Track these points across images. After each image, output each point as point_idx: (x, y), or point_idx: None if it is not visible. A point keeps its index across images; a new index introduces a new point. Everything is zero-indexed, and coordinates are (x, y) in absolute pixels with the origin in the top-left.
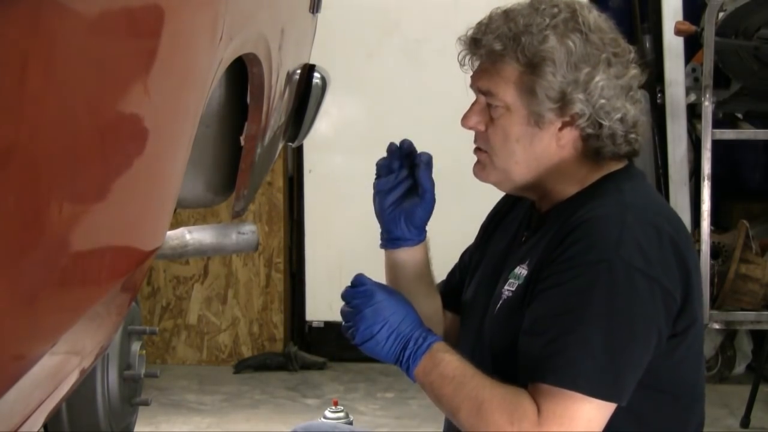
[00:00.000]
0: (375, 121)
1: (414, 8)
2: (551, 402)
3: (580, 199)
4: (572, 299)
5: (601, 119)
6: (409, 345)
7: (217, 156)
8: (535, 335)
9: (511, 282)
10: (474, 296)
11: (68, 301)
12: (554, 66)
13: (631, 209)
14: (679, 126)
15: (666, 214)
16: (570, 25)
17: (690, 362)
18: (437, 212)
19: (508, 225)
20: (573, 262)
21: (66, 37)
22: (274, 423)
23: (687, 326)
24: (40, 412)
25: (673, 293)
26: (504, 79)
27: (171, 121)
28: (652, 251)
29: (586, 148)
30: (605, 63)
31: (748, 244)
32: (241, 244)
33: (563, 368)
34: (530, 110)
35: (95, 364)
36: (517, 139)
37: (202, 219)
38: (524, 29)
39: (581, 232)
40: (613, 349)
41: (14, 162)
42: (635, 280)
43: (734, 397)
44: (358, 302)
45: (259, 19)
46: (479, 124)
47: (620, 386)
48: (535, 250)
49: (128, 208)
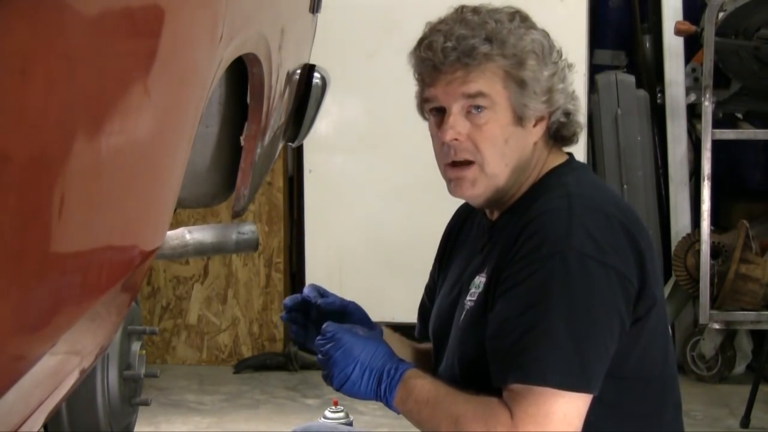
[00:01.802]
0: (375, 121)
1: (414, 8)
2: (523, 402)
3: (527, 199)
4: (531, 296)
5: (569, 105)
6: (383, 378)
7: (217, 156)
8: (500, 338)
9: (473, 292)
10: (437, 316)
11: (68, 301)
12: (538, 58)
13: (576, 199)
14: (679, 126)
15: (612, 199)
16: (529, 22)
17: (657, 344)
18: (437, 212)
19: (464, 241)
20: (527, 259)
21: (66, 37)
22: (274, 423)
23: (648, 308)
24: (40, 412)
25: (630, 277)
26: (494, 76)
27: (171, 121)
28: (603, 237)
29: (547, 139)
30: (557, 54)
31: (748, 244)
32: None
33: (530, 366)
34: (518, 104)
35: (95, 364)
36: (506, 140)
37: (202, 219)
38: (500, 29)
39: (531, 229)
40: (577, 339)
41: (14, 162)
42: (590, 268)
43: (734, 397)
44: (327, 348)
45: (259, 19)
46: (461, 134)
47: (588, 375)
48: (491, 257)
49: (128, 208)
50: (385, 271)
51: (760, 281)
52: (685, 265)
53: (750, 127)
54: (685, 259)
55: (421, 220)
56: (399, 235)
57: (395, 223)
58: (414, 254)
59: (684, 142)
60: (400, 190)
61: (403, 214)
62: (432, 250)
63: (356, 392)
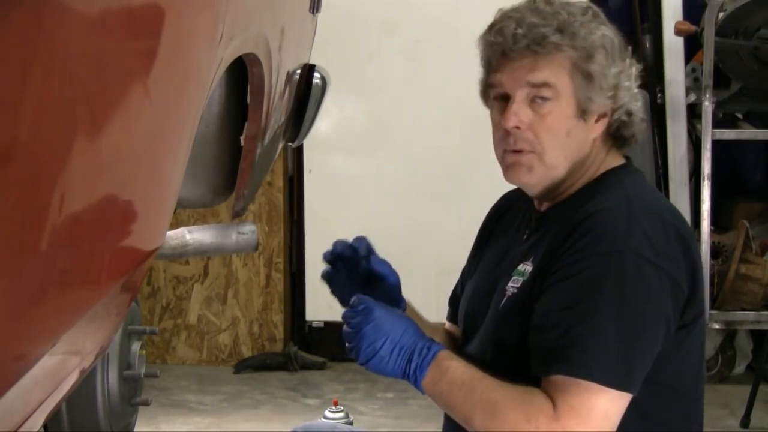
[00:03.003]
0: (375, 121)
1: (414, 8)
2: (566, 394)
3: (583, 195)
4: (582, 291)
5: (632, 106)
6: (414, 357)
7: (217, 156)
8: (546, 329)
9: (515, 279)
10: (472, 298)
11: (68, 301)
12: (606, 53)
13: (636, 201)
14: (679, 126)
15: (668, 206)
16: (601, 18)
17: (692, 358)
18: (438, 212)
19: (505, 227)
20: (582, 254)
21: (66, 37)
22: (274, 423)
23: (694, 317)
24: (40, 412)
25: (681, 284)
26: (560, 67)
27: (171, 121)
28: (659, 242)
29: (607, 135)
30: (627, 52)
31: (748, 244)
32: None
33: (576, 359)
34: (583, 98)
35: (95, 364)
36: (568, 132)
37: (202, 219)
38: (572, 21)
39: (589, 225)
40: (626, 339)
41: (14, 162)
42: (645, 270)
43: (734, 397)
44: (357, 320)
45: (259, 19)
46: (523, 122)
47: (632, 376)
48: (539, 246)
49: (128, 208)
50: None
51: (760, 281)
52: None
53: (750, 127)
54: None
55: (421, 220)
56: (399, 235)
57: (395, 223)
58: (414, 254)
59: (684, 142)
60: (400, 190)
61: (403, 214)
62: (432, 250)
63: (383, 368)
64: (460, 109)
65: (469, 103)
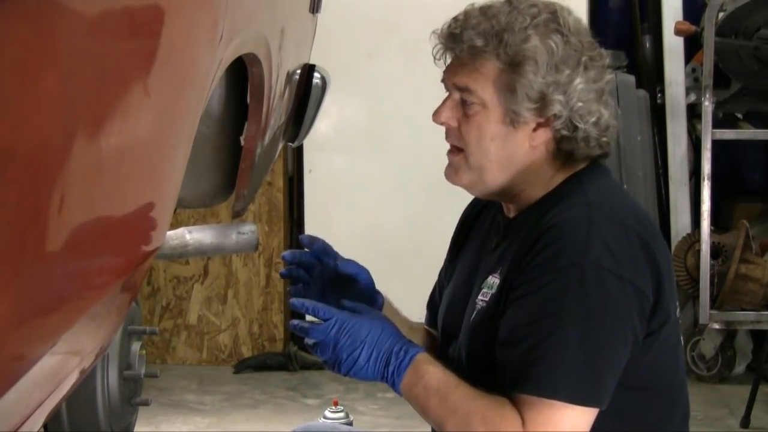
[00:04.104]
0: (375, 121)
1: (414, 8)
2: (534, 411)
3: (545, 203)
4: (546, 306)
5: (576, 122)
6: (392, 360)
7: (217, 156)
8: (511, 345)
9: (485, 292)
10: (447, 310)
11: (68, 301)
12: (536, 66)
13: (596, 209)
14: (679, 126)
15: (632, 210)
16: (551, 26)
17: (667, 357)
18: (437, 212)
19: (477, 232)
20: (543, 268)
21: (66, 37)
22: (274, 423)
23: (662, 323)
24: (40, 412)
25: (645, 291)
26: (483, 75)
27: (171, 121)
28: (620, 250)
29: (558, 149)
30: (583, 66)
31: (748, 244)
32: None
33: (542, 377)
34: (507, 108)
35: (95, 364)
36: (492, 138)
37: (202, 219)
38: (506, 27)
39: (549, 238)
40: (590, 353)
41: (14, 162)
42: (606, 281)
43: (734, 397)
44: (331, 334)
45: (259, 19)
46: (451, 119)
47: (599, 390)
48: (506, 258)
49: (128, 208)
50: (385, 271)
51: (760, 281)
52: (685, 265)
53: (750, 127)
54: (685, 259)
55: (420, 220)
56: (399, 235)
57: (395, 223)
58: (414, 254)
59: (684, 142)
60: (400, 190)
61: (403, 214)
62: (432, 250)
63: (362, 375)
64: None
65: None
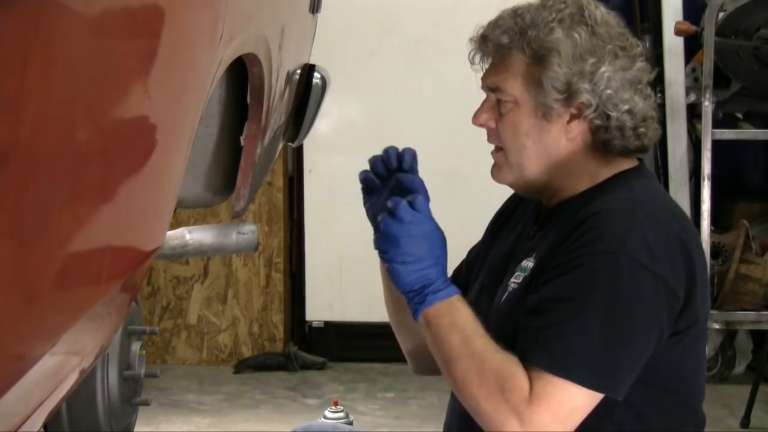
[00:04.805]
0: (375, 121)
1: (414, 8)
2: (544, 384)
3: (589, 195)
4: (575, 287)
5: (608, 110)
6: (429, 288)
7: (217, 156)
8: (535, 315)
9: (518, 275)
10: (480, 291)
11: (68, 301)
12: (560, 57)
13: (640, 205)
14: (679, 126)
15: (675, 212)
16: (576, 19)
17: (690, 362)
18: (437, 212)
19: (515, 222)
20: (579, 251)
21: (66, 37)
22: (274, 423)
23: (688, 326)
24: (40, 412)
25: (677, 291)
26: (512, 73)
27: (171, 121)
28: (658, 248)
29: (595, 141)
30: (611, 55)
31: (748, 244)
32: (241, 244)
33: (559, 356)
34: (538, 102)
35: (95, 364)
36: (527, 133)
37: (202, 219)
38: (530, 23)
39: (589, 224)
40: (611, 341)
41: (14, 162)
42: (639, 275)
43: (734, 397)
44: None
45: (259, 19)
46: (489, 120)
47: (614, 379)
48: (543, 243)
49: (128, 208)
50: None
51: (760, 281)
52: None
53: (750, 127)
54: None
55: None
56: None
57: None
58: None
59: (684, 142)
60: None
61: None
62: None
63: (396, 278)
64: (460, 109)
65: (469, 102)
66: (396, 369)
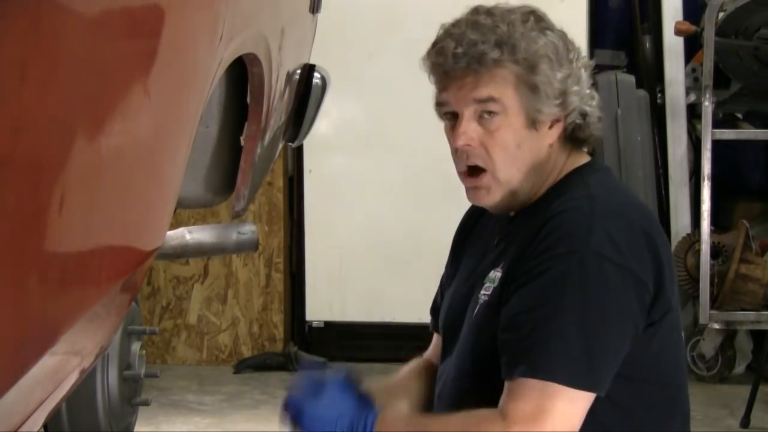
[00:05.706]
0: (375, 121)
1: (414, 8)
2: (528, 391)
3: (548, 198)
4: (546, 292)
5: (586, 107)
6: None
7: (217, 156)
8: (511, 331)
9: (487, 286)
10: (449, 309)
11: (68, 301)
12: (550, 62)
13: (599, 200)
14: (679, 126)
15: (634, 203)
16: (542, 24)
17: (669, 351)
18: (437, 212)
19: (478, 236)
20: (544, 255)
21: (66, 37)
22: (274, 423)
23: (662, 314)
24: (40, 412)
25: (646, 282)
26: (503, 82)
27: (171, 121)
28: (622, 240)
29: (567, 139)
30: (574, 51)
31: (748, 244)
32: (241, 244)
33: (541, 362)
34: (530, 109)
35: (95, 364)
36: (518, 145)
37: (202, 219)
38: (511, 32)
39: (551, 226)
40: (588, 338)
41: (14, 162)
42: (607, 270)
43: (734, 397)
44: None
45: (259, 19)
46: (473, 140)
47: (596, 375)
48: (508, 252)
49: (128, 208)
50: (385, 271)
51: (760, 281)
52: (685, 265)
53: (750, 127)
54: (685, 259)
55: (421, 220)
56: (399, 235)
57: (395, 223)
58: (414, 254)
59: (684, 142)
60: (400, 190)
61: (403, 214)
62: (432, 250)
63: None
64: None
65: None
66: (396, 369)
